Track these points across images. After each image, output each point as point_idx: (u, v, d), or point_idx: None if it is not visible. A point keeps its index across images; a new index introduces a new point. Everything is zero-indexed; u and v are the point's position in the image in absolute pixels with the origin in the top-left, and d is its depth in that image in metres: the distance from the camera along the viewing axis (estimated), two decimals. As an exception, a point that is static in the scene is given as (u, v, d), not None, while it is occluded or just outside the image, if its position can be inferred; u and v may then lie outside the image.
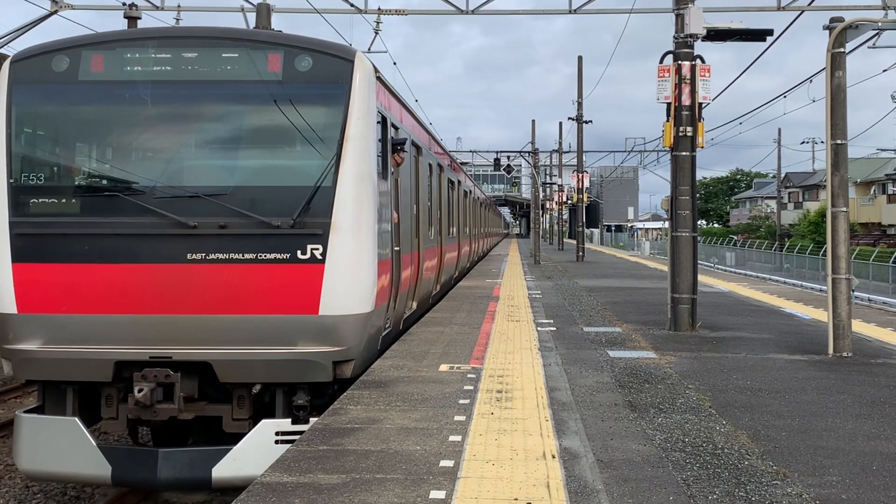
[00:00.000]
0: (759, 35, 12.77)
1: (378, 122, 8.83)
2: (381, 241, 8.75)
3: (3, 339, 8.05)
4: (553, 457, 5.61)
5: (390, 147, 9.56)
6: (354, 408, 7.00)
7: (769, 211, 74.16)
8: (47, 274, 8.03)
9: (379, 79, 9.01)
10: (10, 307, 7.97)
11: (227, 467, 7.70)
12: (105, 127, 8.63)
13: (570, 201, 57.42)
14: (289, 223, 7.90)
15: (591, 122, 36.65)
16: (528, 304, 15.72)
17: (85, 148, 8.67)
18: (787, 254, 47.20)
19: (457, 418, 6.63)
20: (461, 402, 7.22)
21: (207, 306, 7.91)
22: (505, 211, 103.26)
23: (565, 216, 69.01)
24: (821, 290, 23.22)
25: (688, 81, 12.07)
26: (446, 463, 5.44)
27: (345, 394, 7.59)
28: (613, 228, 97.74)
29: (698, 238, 13.98)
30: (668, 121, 12.26)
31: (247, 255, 7.97)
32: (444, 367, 8.82)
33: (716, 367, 9.21)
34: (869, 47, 15.08)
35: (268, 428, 7.78)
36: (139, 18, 13.94)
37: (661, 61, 12.32)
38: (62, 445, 7.89)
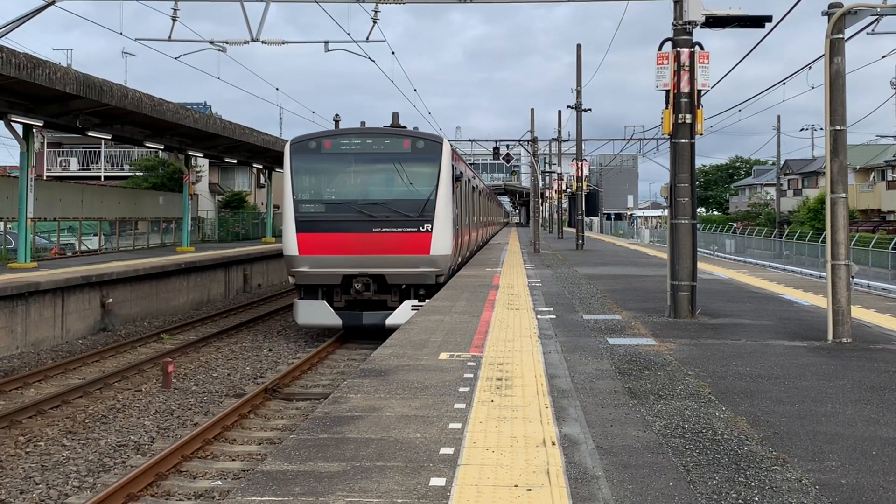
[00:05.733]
0: (757, 21, 12.72)
1: (451, 168, 17.76)
2: (453, 224, 17.98)
3: (291, 266, 17.17)
4: (553, 444, 5.62)
5: (454, 178, 18.29)
6: (355, 396, 7.01)
7: (768, 198, 74.03)
8: (312, 238, 16.97)
9: (452, 149, 18.66)
10: (296, 252, 16.99)
11: (391, 319, 16.70)
12: (334, 173, 17.74)
13: (569, 190, 57.35)
14: (417, 215, 17.01)
15: (590, 110, 36.59)
16: (528, 292, 15.73)
17: (325, 182, 17.70)
18: (787, 241, 47.21)
19: (457, 406, 6.64)
20: (461, 389, 7.23)
21: (382, 251, 16.89)
22: (504, 200, 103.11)
23: (565, 205, 68.90)
24: (820, 277, 23.26)
25: (687, 68, 12.04)
26: (446, 450, 5.45)
27: (345, 382, 7.62)
28: (613, 217, 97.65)
29: (698, 225, 13.97)
30: (667, 108, 12.24)
31: (397, 229, 16.99)
32: (443, 356, 8.84)
33: (715, 353, 9.22)
34: (868, 33, 14.98)
35: (408, 304, 16.92)
36: (339, 121, 22.07)
37: (659, 48, 12.28)
38: (318, 312, 17.22)
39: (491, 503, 4.52)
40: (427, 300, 15.29)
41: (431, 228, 16.83)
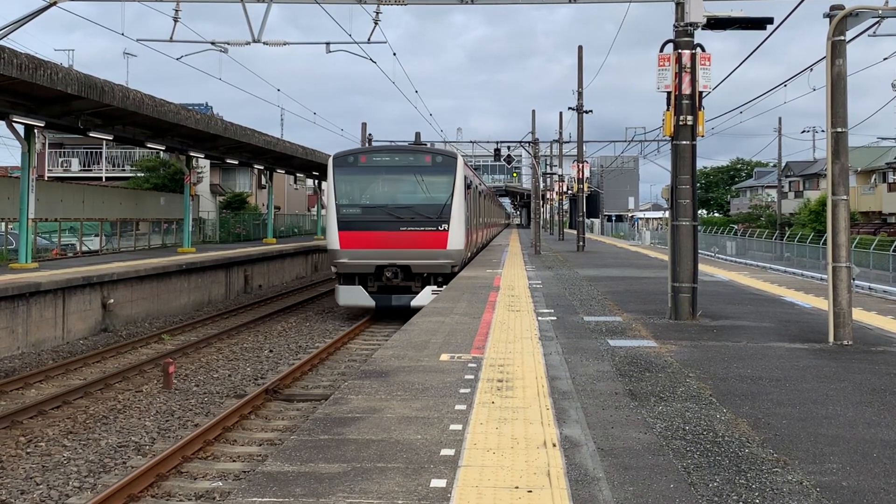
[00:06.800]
0: (759, 24, 12.72)
1: (463, 179, 21.52)
2: (465, 224, 21.58)
3: (333, 258, 20.67)
4: (554, 445, 5.62)
5: (465, 186, 21.87)
6: (355, 397, 7.01)
7: (770, 200, 73.97)
8: (351, 235, 20.45)
9: (465, 162, 22.71)
10: (338, 246, 20.50)
11: (415, 301, 20.01)
12: (369, 182, 21.38)
13: (570, 191, 57.33)
14: (436, 217, 20.53)
15: (591, 111, 36.54)
16: (529, 293, 15.73)
17: (361, 190, 21.29)
18: (788, 243, 47.15)
19: (458, 407, 6.64)
20: (462, 391, 7.23)
21: (408, 246, 20.37)
22: (505, 201, 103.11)
23: (566, 206, 68.89)
24: (821, 279, 23.24)
25: (688, 70, 12.05)
26: (447, 452, 5.45)
27: (346, 383, 7.63)
28: (614, 218, 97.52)
29: (699, 227, 13.98)
30: (668, 110, 12.24)
31: (420, 228, 20.48)
32: (444, 357, 8.84)
33: (716, 355, 9.22)
34: (869, 35, 14.96)
35: (429, 289, 20.34)
36: (372, 140, 25.11)
37: (661, 50, 12.29)
38: (355, 295, 20.81)
39: (492, 505, 4.52)
40: (444, 286, 19.05)
41: (448, 228, 20.58)
